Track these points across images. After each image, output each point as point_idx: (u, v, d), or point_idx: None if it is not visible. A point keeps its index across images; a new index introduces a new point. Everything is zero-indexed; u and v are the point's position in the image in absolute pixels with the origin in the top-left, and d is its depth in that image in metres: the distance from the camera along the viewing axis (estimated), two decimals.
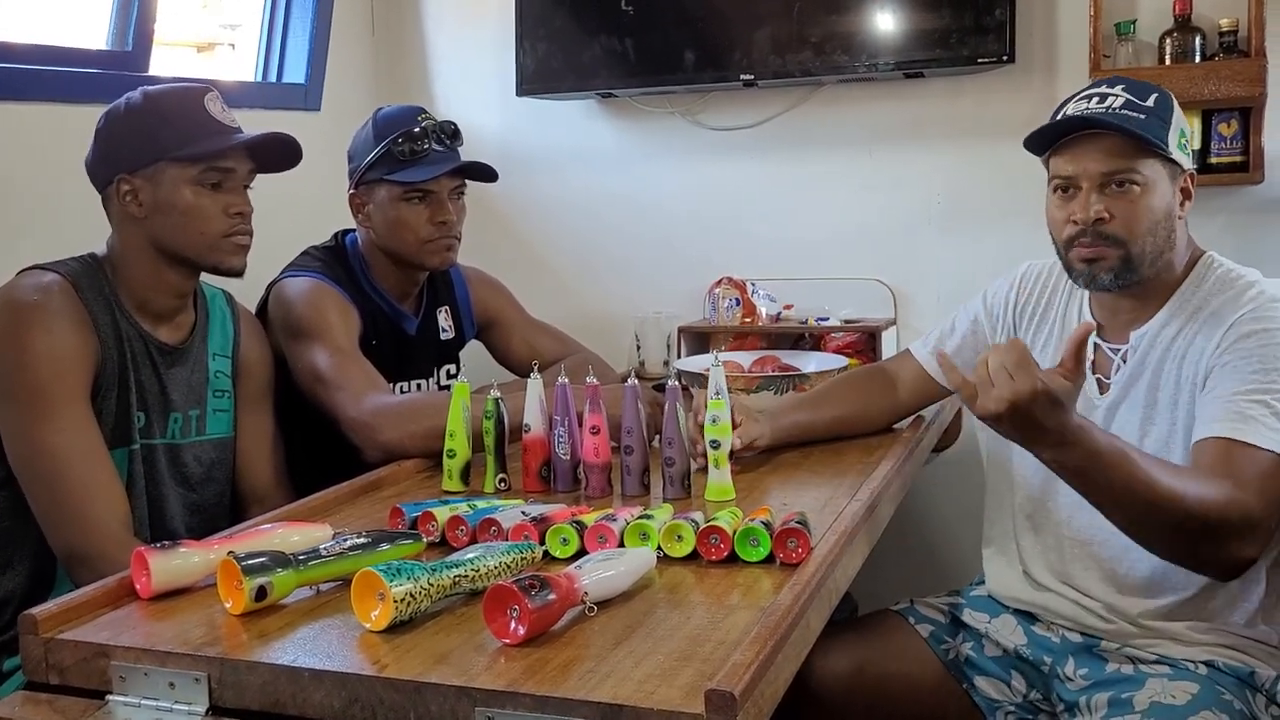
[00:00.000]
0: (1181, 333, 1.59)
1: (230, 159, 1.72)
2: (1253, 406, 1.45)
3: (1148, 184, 1.56)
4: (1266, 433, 1.43)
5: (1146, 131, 1.54)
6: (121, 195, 1.70)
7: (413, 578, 1.14)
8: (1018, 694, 1.76)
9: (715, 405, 1.58)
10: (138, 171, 1.69)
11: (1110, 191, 1.57)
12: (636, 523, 1.38)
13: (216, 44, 3.02)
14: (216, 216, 1.71)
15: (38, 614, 1.16)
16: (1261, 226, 2.50)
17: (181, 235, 1.70)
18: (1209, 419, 1.48)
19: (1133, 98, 1.57)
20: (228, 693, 1.08)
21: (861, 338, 2.69)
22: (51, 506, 1.59)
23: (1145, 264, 1.58)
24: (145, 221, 1.70)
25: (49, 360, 1.59)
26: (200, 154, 1.69)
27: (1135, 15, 2.53)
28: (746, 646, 1.03)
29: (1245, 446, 1.43)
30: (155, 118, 1.70)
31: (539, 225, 3.10)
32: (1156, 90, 1.60)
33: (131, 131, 1.71)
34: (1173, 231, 1.60)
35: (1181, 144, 1.60)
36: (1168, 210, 1.59)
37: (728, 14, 2.75)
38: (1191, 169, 1.63)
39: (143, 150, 1.69)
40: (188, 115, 1.71)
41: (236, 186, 1.74)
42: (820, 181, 2.85)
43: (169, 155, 1.68)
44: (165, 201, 1.69)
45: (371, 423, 1.82)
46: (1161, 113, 1.58)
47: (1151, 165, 1.57)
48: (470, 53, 3.11)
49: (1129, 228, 1.56)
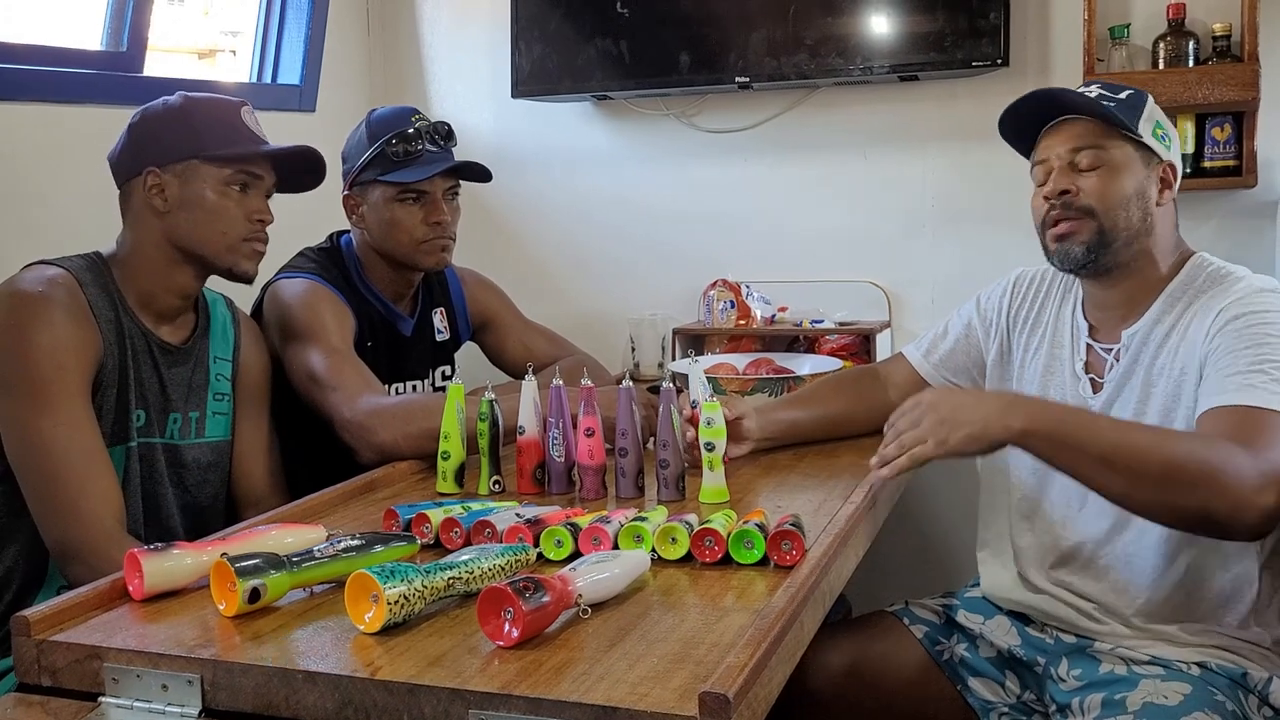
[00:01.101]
0: (1174, 328, 1.60)
1: (260, 166, 1.76)
2: (1252, 377, 1.45)
3: (1115, 162, 1.60)
4: (1270, 397, 1.43)
5: (1113, 113, 1.59)
6: (147, 188, 1.72)
7: (406, 580, 1.14)
8: (1011, 695, 1.76)
9: (709, 408, 1.58)
10: (168, 166, 1.71)
11: (1080, 169, 1.61)
12: (631, 525, 1.38)
13: (217, 50, 3.03)
14: (240, 219, 1.74)
15: (30, 615, 1.16)
16: (1254, 230, 2.50)
17: (203, 232, 1.72)
18: (1211, 395, 1.48)
19: (1106, 91, 1.64)
20: (221, 694, 1.08)
21: (856, 340, 2.69)
22: (45, 500, 1.59)
23: (1119, 240, 1.60)
24: (167, 216, 1.72)
25: (51, 353, 1.59)
26: (236, 156, 1.73)
27: (1129, 19, 2.54)
28: (741, 649, 1.03)
29: (1253, 410, 1.42)
30: (195, 118, 1.74)
31: (534, 227, 3.10)
32: (1131, 89, 1.66)
33: (167, 128, 1.74)
34: (1149, 215, 1.62)
35: (1158, 135, 1.63)
36: (1140, 191, 1.61)
37: (723, 16, 2.75)
38: (1171, 161, 1.65)
39: (178, 146, 1.72)
40: (225, 122, 1.75)
41: (261, 194, 1.78)
42: (815, 184, 2.86)
43: (205, 154, 1.71)
44: (193, 198, 1.72)
45: (366, 424, 1.82)
46: (1134, 102, 1.63)
47: (1120, 146, 1.61)
48: (465, 54, 3.12)
49: (1099, 199, 1.60)
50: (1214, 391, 1.48)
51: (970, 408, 1.46)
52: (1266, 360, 1.46)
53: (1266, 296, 1.55)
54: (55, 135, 2.21)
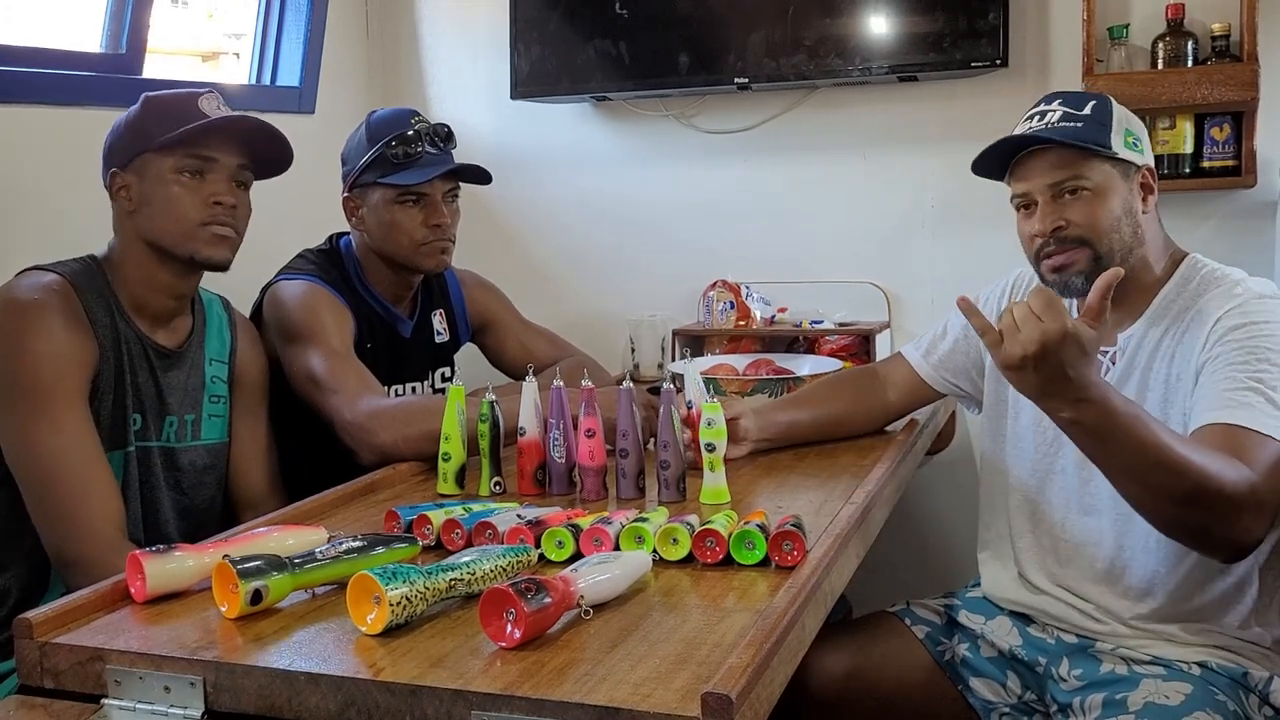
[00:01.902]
0: (1168, 333, 1.60)
1: (211, 147, 1.71)
2: (1247, 395, 1.45)
3: (1098, 186, 1.59)
4: (1265, 419, 1.43)
5: (1083, 137, 1.58)
6: (116, 191, 1.72)
7: (408, 581, 1.14)
8: (1013, 695, 1.77)
9: (710, 409, 1.59)
10: (128, 166, 1.70)
11: (1064, 200, 1.60)
12: (632, 526, 1.38)
13: (221, 53, 3.02)
14: (194, 205, 1.70)
15: (33, 618, 1.16)
16: (1253, 230, 2.50)
17: (160, 224, 1.70)
18: (1205, 408, 1.48)
19: (1069, 109, 1.62)
20: (223, 696, 1.08)
21: (856, 340, 2.69)
22: (45, 507, 1.59)
23: (1116, 261, 1.59)
24: (135, 215, 1.71)
25: (48, 360, 1.59)
26: (175, 139, 1.68)
27: (1128, 19, 2.54)
28: (743, 649, 1.03)
29: (1246, 431, 1.42)
30: (149, 115, 1.72)
31: (534, 228, 3.10)
32: (1094, 98, 1.64)
33: (127, 129, 1.73)
34: (1139, 227, 1.62)
35: (1130, 143, 1.62)
36: (1127, 207, 1.61)
37: (722, 17, 2.76)
38: (1147, 165, 1.64)
39: (131, 144, 1.71)
40: (178, 110, 1.71)
41: (221, 177, 1.72)
42: (814, 185, 2.86)
43: (152, 145, 1.69)
44: (149, 192, 1.70)
45: (367, 425, 1.82)
46: (1099, 117, 1.61)
47: (1098, 168, 1.60)
48: (464, 56, 3.12)
49: (1090, 228, 1.59)
50: (1208, 405, 1.48)
51: (1051, 381, 1.31)
52: (1261, 380, 1.46)
53: (1266, 303, 1.54)
54: (55, 137, 2.21)
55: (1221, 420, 1.44)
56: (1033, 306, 1.30)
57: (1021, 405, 1.74)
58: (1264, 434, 1.41)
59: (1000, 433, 1.80)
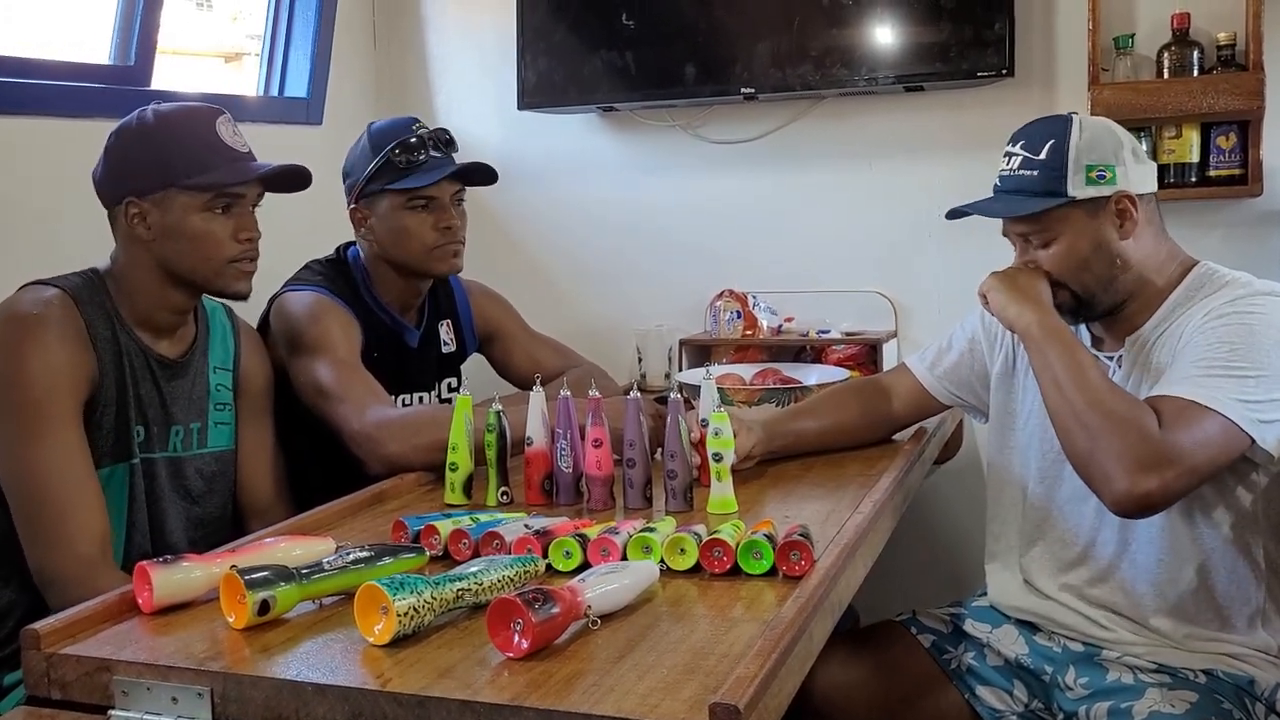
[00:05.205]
0: (1169, 330, 1.61)
1: (240, 185, 1.71)
2: (1208, 382, 1.45)
3: (1061, 233, 1.61)
4: (1213, 395, 1.43)
5: (1037, 189, 1.60)
6: (129, 217, 1.69)
7: (416, 591, 1.14)
8: (1019, 703, 1.76)
9: (717, 418, 1.58)
10: (146, 196, 1.68)
11: (1033, 245, 1.65)
12: (639, 536, 1.38)
13: (244, 54, 3.03)
14: (225, 242, 1.70)
15: (40, 629, 1.16)
16: (1260, 239, 2.50)
17: (189, 260, 1.70)
18: (1169, 381, 1.49)
19: (1028, 154, 1.63)
20: (231, 707, 1.08)
21: (863, 350, 2.69)
22: (29, 525, 1.58)
23: (1097, 295, 1.62)
24: (153, 244, 1.69)
25: (44, 376, 1.58)
26: (211, 184, 1.68)
27: (1134, 29, 2.54)
28: (750, 660, 1.03)
29: (1188, 402, 1.43)
30: (166, 141, 1.68)
31: (541, 238, 3.11)
32: (1052, 135, 1.62)
33: (141, 154, 1.69)
34: (1115, 257, 1.61)
35: (1093, 178, 1.59)
36: (1097, 244, 1.61)
37: (728, 28, 2.76)
38: (1120, 191, 1.60)
39: (152, 175, 1.68)
40: (199, 139, 1.69)
41: (245, 210, 1.74)
42: (821, 194, 2.86)
43: (180, 183, 1.67)
44: (174, 227, 1.68)
45: (375, 435, 1.82)
46: (1054, 161, 1.60)
47: (1056, 216, 1.61)
48: (472, 67, 3.13)
49: (1060, 272, 1.63)
50: (1171, 379, 1.49)
51: (1010, 299, 1.61)
52: (1231, 368, 1.45)
53: (1260, 300, 1.54)
54: (63, 149, 2.21)
55: (1173, 393, 1.45)
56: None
57: (1028, 414, 1.74)
58: (1204, 405, 1.42)
59: (1007, 442, 1.79)
